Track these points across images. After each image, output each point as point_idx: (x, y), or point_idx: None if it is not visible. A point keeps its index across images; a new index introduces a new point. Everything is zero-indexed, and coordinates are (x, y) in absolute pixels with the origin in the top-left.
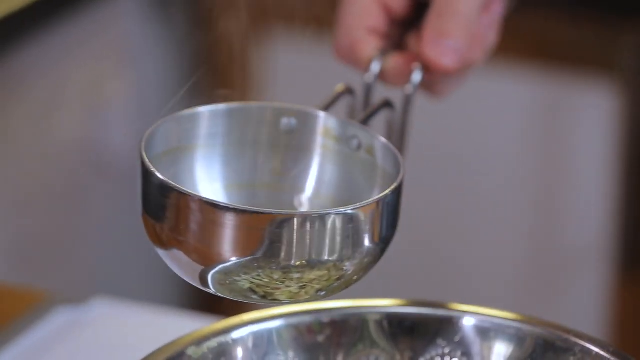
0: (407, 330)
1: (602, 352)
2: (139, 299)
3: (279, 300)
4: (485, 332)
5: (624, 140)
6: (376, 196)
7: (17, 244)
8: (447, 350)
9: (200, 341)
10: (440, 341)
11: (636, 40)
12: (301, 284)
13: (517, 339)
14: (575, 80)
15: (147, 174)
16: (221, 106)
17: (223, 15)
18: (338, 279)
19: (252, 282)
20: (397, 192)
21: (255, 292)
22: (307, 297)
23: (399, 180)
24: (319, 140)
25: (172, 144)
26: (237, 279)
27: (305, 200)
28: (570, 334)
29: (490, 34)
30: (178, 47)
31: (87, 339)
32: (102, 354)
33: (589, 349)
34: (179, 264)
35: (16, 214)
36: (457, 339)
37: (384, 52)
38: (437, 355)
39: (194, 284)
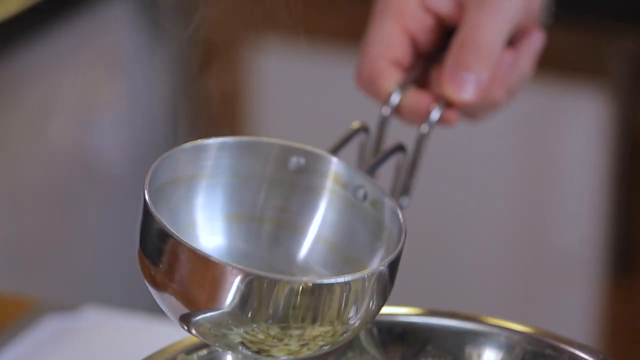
0: (396, 337)
1: (591, 359)
2: (129, 307)
3: (275, 357)
4: (475, 340)
5: (615, 147)
6: (374, 264)
7: (7, 250)
8: (436, 358)
9: (190, 349)
10: (429, 348)
11: (628, 46)
12: (302, 342)
13: (507, 346)
14: (567, 86)
15: (147, 214)
16: (230, 139)
17: (215, 22)
18: (344, 333)
19: (244, 337)
20: (397, 260)
21: (247, 347)
22: (310, 352)
23: (398, 250)
24: (326, 184)
25: (178, 173)
26: (227, 332)
27: (304, 242)
28: (560, 341)
29: (516, 74)
30: (170, 54)
31: (78, 347)
32: None
33: (578, 356)
34: (168, 305)
35: (7, 221)
36: (446, 346)
37: (404, 86)
38: (430, 355)
39: (181, 328)
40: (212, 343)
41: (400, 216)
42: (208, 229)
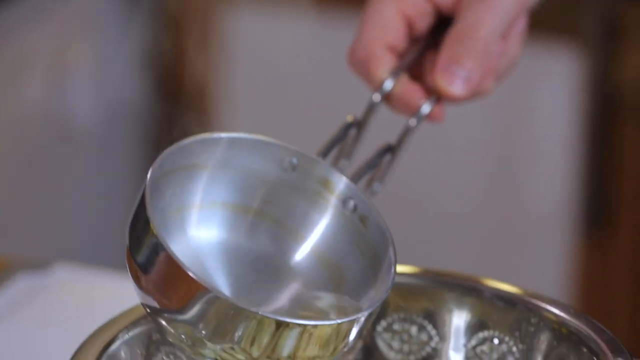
0: None
1: (562, 314)
2: (100, 264)
3: None
4: (446, 296)
5: (588, 104)
6: (354, 280)
7: None
8: (407, 315)
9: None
10: (400, 304)
11: (601, 4)
12: None
13: (479, 301)
14: (540, 45)
15: (141, 205)
16: (227, 135)
17: None
18: (335, 350)
19: (219, 355)
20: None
21: None
22: None
23: (382, 298)
24: (318, 189)
25: (177, 164)
26: (200, 345)
27: (287, 243)
28: (531, 297)
29: (505, 61)
30: (143, 14)
31: (49, 304)
32: (64, 318)
33: (549, 312)
34: (147, 304)
35: None
36: (417, 302)
37: (397, 73)
38: (398, 319)
39: (155, 327)
40: (187, 352)
41: (392, 247)
42: (201, 214)
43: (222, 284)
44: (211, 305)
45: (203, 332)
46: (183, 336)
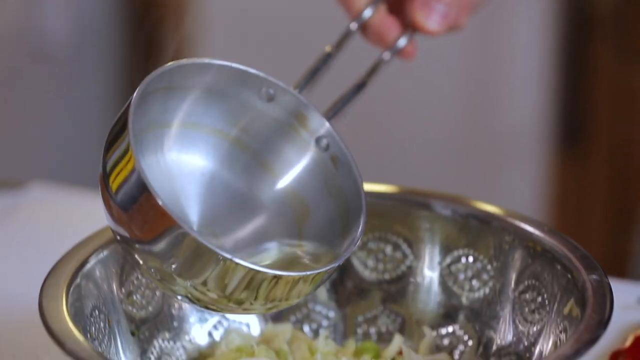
0: None
1: (537, 232)
2: (75, 183)
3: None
4: (421, 215)
5: (561, 21)
6: (319, 216)
7: None
8: (382, 234)
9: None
10: (375, 223)
11: None
12: (268, 305)
13: (453, 220)
14: None
15: (122, 141)
16: (210, 61)
17: None
18: (299, 294)
19: (189, 293)
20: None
21: (192, 302)
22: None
23: (348, 252)
24: (291, 122)
25: (162, 84)
26: (170, 281)
27: (258, 174)
28: (506, 215)
29: None
30: None
31: (24, 223)
32: (39, 238)
33: (524, 229)
34: (117, 231)
35: None
36: (392, 221)
37: (376, 3)
38: (373, 238)
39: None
40: (157, 286)
41: (363, 195)
42: (181, 134)
43: (191, 210)
44: (181, 242)
45: (172, 266)
46: (152, 270)
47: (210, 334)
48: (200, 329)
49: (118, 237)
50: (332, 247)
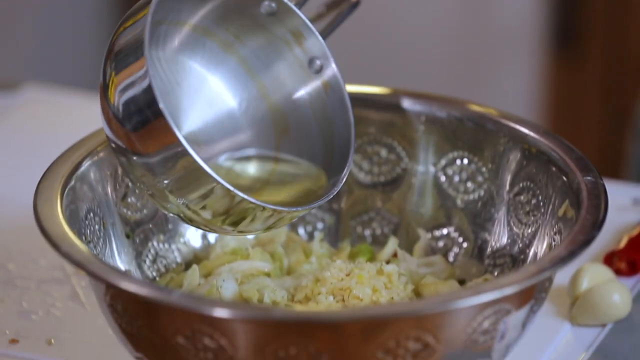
0: None
1: (532, 133)
2: (70, 85)
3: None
4: (415, 116)
5: None
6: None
7: None
8: (376, 136)
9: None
10: (370, 125)
11: None
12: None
13: (448, 122)
14: None
15: (134, 42)
16: None
17: None
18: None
19: (182, 212)
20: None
21: (184, 221)
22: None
23: (340, 183)
24: (288, 38)
25: None
26: (164, 201)
27: (246, 86)
28: (501, 117)
29: None
30: None
31: (18, 124)
32: (33, 139)
33: (519, 131)
34: (115, 140)
35: None
36: (386, 123)
37: None
38: (367, 141)
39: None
40: (152, 202)
41: (352, 130)
42: (188, 34)
43: (183, 115)
44: (180, 160)
45: (165, 182)
46: (145, 184)
47: (205, 237)
48: (195, 231)
49: (113, 145)
50: (310, 168)
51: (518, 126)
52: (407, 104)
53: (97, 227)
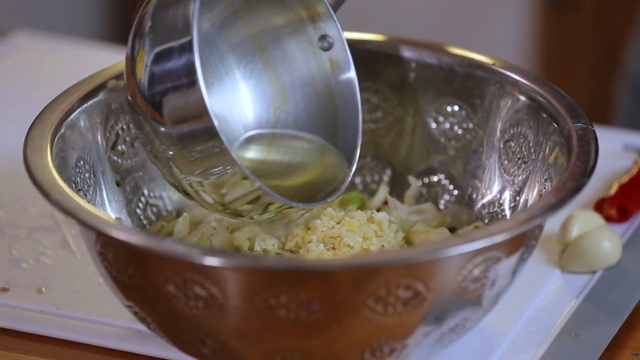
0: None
1: (522, 80)
2: (61, 32)
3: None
4: (407, 62)
5: None
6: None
7: None
8: (370, 84)
9: (120, 75)
10: (362, 71)
11: None
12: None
13: (439, 68)
14: None
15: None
16: None
17: None
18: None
19: (182, 187)
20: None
21: (179, 192)
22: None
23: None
24: (301, 12)
25: None
26: (167, 169)
27: (252, 55)
28: (492, 63)
29: None
30: None
31: (7, 72)
32: (23, 87)
33: (509, 77)
34: (133, 101)
35: None
36: (379, 71)
37: None
38: (360, 89)
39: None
40: (164, 177)
41: (360, 115)
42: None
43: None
44: (204, 137)
45: (170, 153)
46: (152, 148)
47: None
48: None
49: (129, 99)
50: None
51: (509, 73)
52: (397, 50)
53: (87, 175)
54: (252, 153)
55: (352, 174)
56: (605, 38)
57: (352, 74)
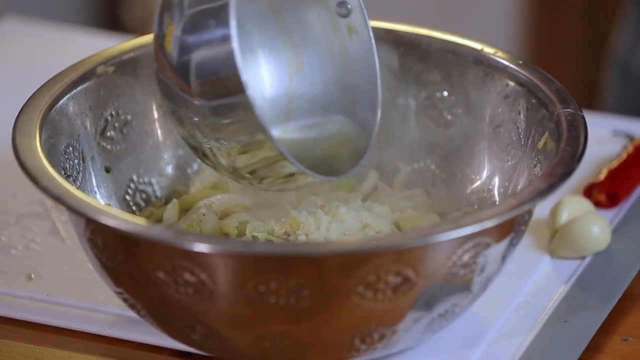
0: None
1: (512, 65)
2: (49, 18)
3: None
4: (396, 47)
5: None
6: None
7: None
8: None
9: (109, 60)
10: None
11: None
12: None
13: (428, 53)
14: None
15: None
16: None
17: None
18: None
19: (202, 148)
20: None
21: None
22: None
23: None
24: None
25: None
26: (196, 133)
27: (270, 23)
28: (481, 48)
29: None
30: None
31: None
32: (11, 73)
33: (499, 62)
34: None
35: None
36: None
37: None
38: None
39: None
40: (185, 139)
41: (379, 84)
42: None
43: None
44: (238, 108)
45: (195, 119)
46: (180, 115)
47: (184, 171)
48: (175, 165)
49: (159, 74)
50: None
51: (498, 58)
52: (386, 35)
53: (76, 161)
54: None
55: (371, 146)
56: (593, 23)
57: (370, 41)
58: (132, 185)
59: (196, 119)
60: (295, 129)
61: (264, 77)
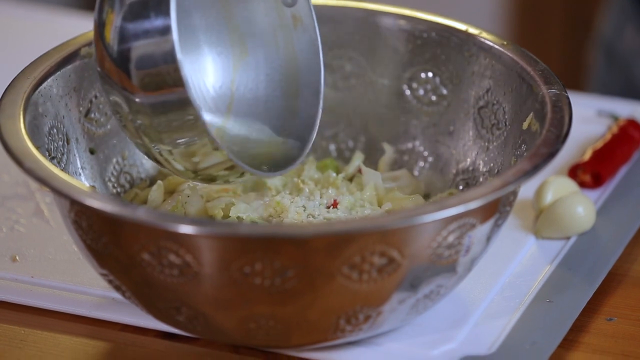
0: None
1: (496, 46)
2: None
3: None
4: (381, 28)
5: None
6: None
7: None
8: (340, 51)
9: (92, 41)
10: (334, 37)
11: None
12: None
13: (413, 34)
14: None
15: None
16: None
17: None
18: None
19: (152, 154)
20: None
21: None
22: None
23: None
24: None
25: None
26: (135, 136)
27: (215, 9)
28: (465, 29)
29: None
30: None
31: None
32: None
33: (483, 43)
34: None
35: None
36: (349, 37)
37: None
38: (332, 56)
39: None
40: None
41: (322, 76)
42: None
43: None
44: (178, 104)
45: (138, 122)
46: (122, 117)
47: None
48: None
49: (98, 69)
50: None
51: (482, 39)
52: (371, 16)
53: (60, 143)
54: (211, 117)
55: (309, 148)
56: (578, 3)
57: (315, 30)
58: (116, 167)
59: (139, 122)
60: (236, 122)
61: (207, 67)
